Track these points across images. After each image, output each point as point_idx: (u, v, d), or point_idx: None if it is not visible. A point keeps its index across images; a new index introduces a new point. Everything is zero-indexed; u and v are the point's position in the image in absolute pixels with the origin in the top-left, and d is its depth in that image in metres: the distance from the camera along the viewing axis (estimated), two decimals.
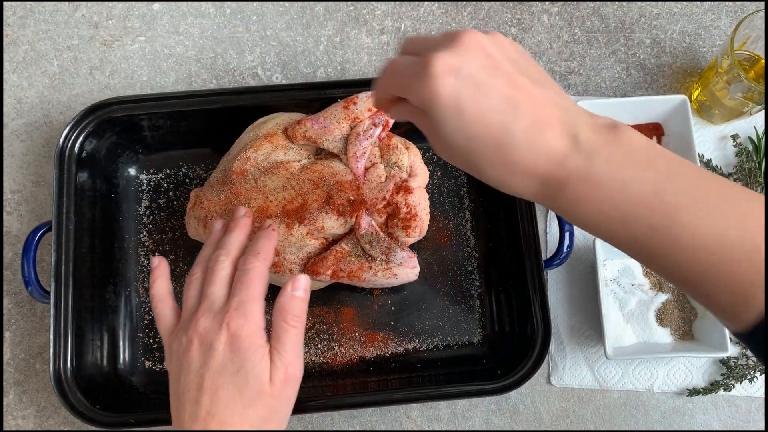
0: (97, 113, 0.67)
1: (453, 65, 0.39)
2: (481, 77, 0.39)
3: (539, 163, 0.40)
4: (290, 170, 0.64)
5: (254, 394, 0.48)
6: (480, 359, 0.69)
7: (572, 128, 0.40)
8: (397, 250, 0.65)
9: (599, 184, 0.39)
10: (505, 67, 0.40)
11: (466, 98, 0.39)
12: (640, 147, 0.40)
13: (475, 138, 0.40)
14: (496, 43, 0.41)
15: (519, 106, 0.39)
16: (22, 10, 0.80)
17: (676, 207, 0.38)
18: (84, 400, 0.62)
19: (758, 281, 0.37)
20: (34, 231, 0.66)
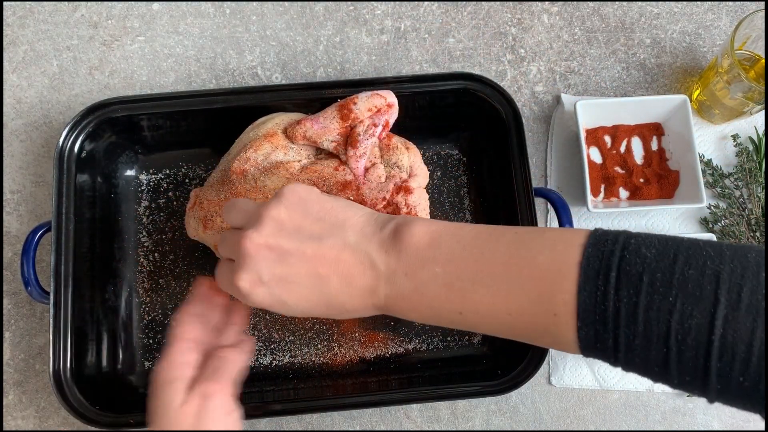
0: (97, 113, 0.67)
1: (253, 279, 0.45)
2: (279, 272, 0.45)
3: (365, 302, 0.46)
4: (290, 170, 0.64)
5: None
6: (480, 359, 0.69)
7: (367, 259, 0.45)
8: None
9: (406, 296, 0.44)
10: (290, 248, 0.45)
11: (281, 294, 0.45)
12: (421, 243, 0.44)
13: (307, 311, 0.46)
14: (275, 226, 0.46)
15: (321, 274, 0.45)
16: (22, 10, 0.80)
17: (466, 290, 0.43)
18: (83, 401, 0.62)
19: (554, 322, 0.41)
20: (34, 231, 0.66)
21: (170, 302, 0.70)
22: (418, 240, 0.44)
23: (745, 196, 0.74)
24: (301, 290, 0.45)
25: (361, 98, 0.65)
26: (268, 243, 0.45)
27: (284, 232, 0.46)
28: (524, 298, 0.41)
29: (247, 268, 0.45)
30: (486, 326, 0.44)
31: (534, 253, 0.42)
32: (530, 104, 0.78)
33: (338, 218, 0.47)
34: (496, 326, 0.44)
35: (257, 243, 0.45)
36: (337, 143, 0.65)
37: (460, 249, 0.44)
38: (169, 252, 0.72)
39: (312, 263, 0.45)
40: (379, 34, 0.80)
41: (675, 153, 0.73)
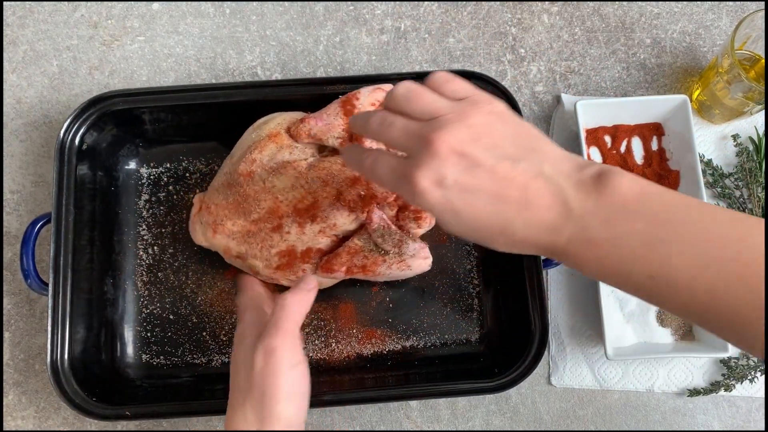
0: (98, 106, 0.67)
1: (436, 178, 0.42)
2: (465, 181, 0.42)
3: (540, 237, 0.42)
4: (298, 169, 0.64)
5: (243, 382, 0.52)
6: (477, 357, 0.69)
7: (560, 195, 0.42)
8: (409, 242, 0.65)
9: (596, 244, 0.41)
10: (483, 161, 0.42)
11: (457, 203, 0.42)
12: (629, 195, 0.41)
13: (477, 229, 0.43)
14: (472, 134, 0.43)
15: (507, 196, 0.42)
16: (22, 10, 0.80)
17: (668, 254, 0.40)
18: (81, 392, 0.62)
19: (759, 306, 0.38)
20: (33, 222, 0.66)
21: (169, 295, 0.70)
22: (626, 190, 0.41)
23: (745, 196, 0.73)
24: (480, 206, 0.42)
25: (363, 93, 0.64)
26: (462, 149, 0.42)
27: (480, 143, 0.43)
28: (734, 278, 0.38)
29: (433, 166, 0.42)
30: (674, 299, 0.41)
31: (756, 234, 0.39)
32: (530, 104, 0.78)
33: (535, 144, 0.44)
34: (686, 301, 0.40)
35: (450, 145, 0.42)
36: (342, 139, 0.64)
37: (669, 211, 0.41)
38: (169, 246, 0.72)
39: (500, 183, 0.42)
40: (379, 34, 0.80)
41: (675, 153, 0.73)
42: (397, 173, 0.45)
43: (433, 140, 0.42)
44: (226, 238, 0.64)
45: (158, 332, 0.70)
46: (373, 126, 0.47)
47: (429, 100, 0.45)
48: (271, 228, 0.63)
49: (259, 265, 0.64)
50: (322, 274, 0.64)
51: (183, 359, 0.69)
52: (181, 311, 0.70)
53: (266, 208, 0.63)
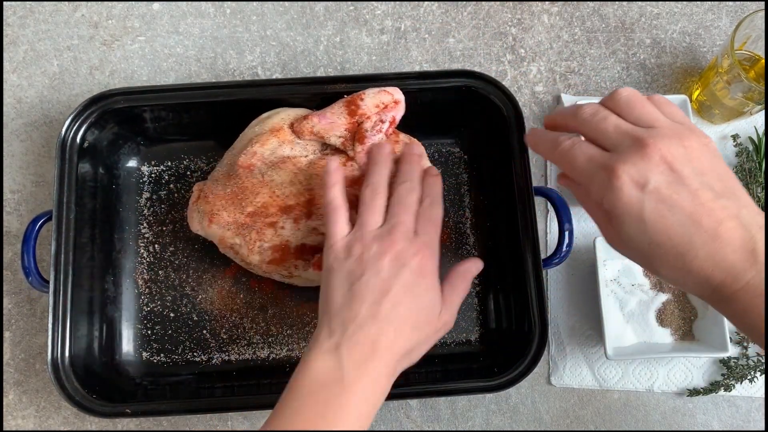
0: (100, 104, 0.67)
1: (639, 179, 0.43)
2: (666, 193, 0.42)
3: (716, 274, 0.42)
4: (297, 165, 0.64)
5: (424, 321, 0.52)
6: (477, 357, 0.69)
7: (751, 243, 0.42)
8: None
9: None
10: (690, 182, 0.43)
11: (650, 211, 0.42)
12: None
13: (656, 244, 0.43)
14: (686, 154, 0.43)
15: (701, 222, 0.42)
16: (22, 10, 0.80)
17: None
18: (81, 389, 0.62)
19: None
20: (35, 220, 0.66)
21: (169, 293, 0.71)
22: None
23: None
24: (670, 222, 0.42)
25: (368, 94, 0.65)
26: (673, 162, 0.43)
27: (690, 165, 0.43)
28: None
29: (640, 166, 0.43)
30: None
31: None
32: (530, 104, 0.78)
33: (736, 189, 0.44)
34: None
35: (663, 154, 0.43)
36: (344, 139, 0.65)
37: None
38: (170, 244, 0.72)
39: (697, 207, 0.42)
40: (379, 34, 0.80)
41: None
42: (596, 162, 0.45)
43: (649, 144, 0.43)
44: (222, 229, 0.65)
45: (159, 330, 0.70)
46: (586, 114, 0.48)
47: (650, 110, 0.46)
48: (265, 222, 0.63)
49: (253, 258, 0.64)
50: (315, 272, 0.64)
51: (183, 357, 0.69)
52: (181, 309, 0.70)
53: (262, 202, 0.63)
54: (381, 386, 0.49)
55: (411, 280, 0.51)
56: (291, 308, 0.70)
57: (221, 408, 0.65)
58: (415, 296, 0.51)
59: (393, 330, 0.49)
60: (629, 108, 0.47)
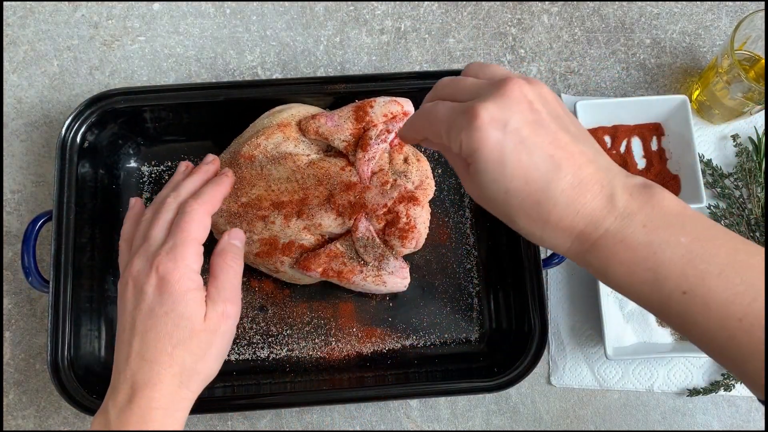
0: (100, 104, 0.68)
1: (500, 118, 0.40)
2: (526, 133, 0.40)
3: (575, 222, 0.41)
4: (297, 163, 0.65)
5: (185, 335, 0.49)
6: (477, 357, 0.69)
7: (609, 189, 0.41)
8: (391, 258, 0.65)
9: (633, 246, 0.40)
10: (549, 123, 0.41)
11: (509, 152, 0.40)
12: (673, 210, 0.41)
13: (514, 192, 0.41)
14: (541, 96, 0.42)
15: (561, 165, 0.40)
16: (22, 10, 0.80)
17: (707, 273, 0.39)
18: (81, 389, 0.62)
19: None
20: (35, 220, 0.66)
21: None
22: (669, 204, 0.41)
23: (745, 196, 0.74)
24: (528, 164, 0.40)
25: (378, 102, 0.65)
26: (533, 102, 0.41)
27: (548, 107, 0.42)
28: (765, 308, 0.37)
29: (502, 106, 0.40)
30: (702, 321, 0.39)
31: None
32: None
33: (588, 135, 0.43)
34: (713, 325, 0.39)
35: (525, 93, 0.41)
36: (348, 143, 0.65)
37: (709, 234, 0.40)
38: None
39: (558, 150, 0.40)
40: (379, 34, 0.80)
41: (675, 153, 0.73)
42: (457, 110, 0.42)
43: (507, 82, 0.41)
44: (215, 215, 0.65)
45: None
46: (443, 82, 0.47)
47: (502, 69, 0.46)
48: (257, 214, 0.63)
49: None
50: (299, 271, 0.64)
51: None
52: None
53: (257, 194, 0.64)
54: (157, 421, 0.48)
55: (152, 301, 0.49)
56: (291, 308, 0.70)
57: (221, 408, 0.65)
58: (161, 317, 0.49)
59: (147, 363, 0.48)
60: (482, 69, 0.46)
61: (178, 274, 0.50)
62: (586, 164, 0.41)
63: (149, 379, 0.48)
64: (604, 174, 0.41)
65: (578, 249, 0.42)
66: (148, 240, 0.52)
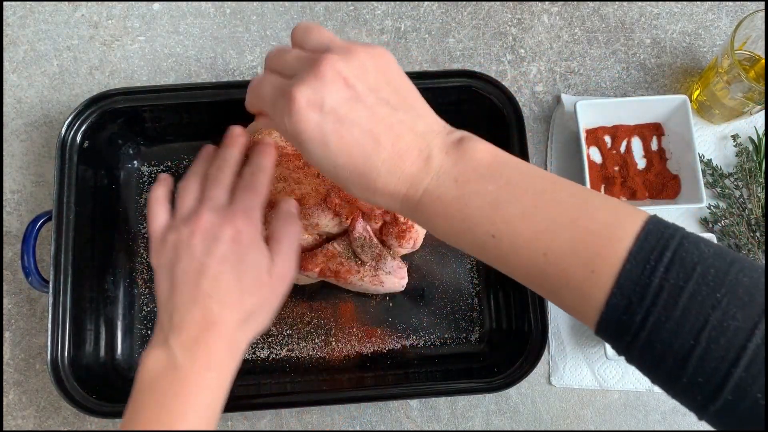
0: (99, 104, 0.68)
1: (315, 100, 0.42)
2: (343, 111, 0.42)
3: (398, 187, 0.43)
4: (293, 163, 0.64)
5: (252, 284, 0.50)
6: (477, 357, 0.69)
7: (426, 152, 0.43)
8: (388, 259, 0.65)
9: (447, 201, 0.42)
10: (366, 98, 0.43)
11: (329, 132, 0.42)
12: (483, 162, 0.43)
13: (340, 166, 0.43)
14: (358, 68, 0.43)
15: (379, 139, 0.42)
16: (22, 10, 0.80)
17: (512, 215, 0.41)
18: (80, 390, 0.62)
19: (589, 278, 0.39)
20: (35, 220, 0.66)
21: None
22: (481, 156, 0.43)
23: (745, 196, 0.74)
24: (350, 140, 0.42)
25: None
26: (348, 78, 0.42)
27: (364, 80, 0.43)
28: (568, 244, 0.40)
29: (316, 86, 0.42)
30: (513, 260, 0.42)
31: (593, 209, 0.41)
32: (530, 104, 0.78)
33: (413, 101, 0.45)
34: (524, 262, 0.42)
35: (338, 70, 0.42)
36: None
37: (519, 178, 0.42)
38: None
39: (376, 124, 0.42)
40: (379, 34, 0.80)
41: (675, 153, 0.73)
42: (278, 90, 0.44)
43: (321, 61, 0.42)
44: None
45: None
46: (271, 53, 0.48)
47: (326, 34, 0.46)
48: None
49: None
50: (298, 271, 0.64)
51: None
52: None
53: None
54: (221, 361, 0.48)
55: (226, 249, 0.49)
56: (291, 308, 0.70)
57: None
58: (234, 264, 0.49)
59: (217, 303, 0.48)
60: (306, 36, 0.46)
61: (252, 230, 0.51)
62: (405, 133, 0.43)
63: (218, 321, 0.48)
64: (422, 138, 0.43)
65: (407, 210, 0.44)
66: (212, 199, 0.52)
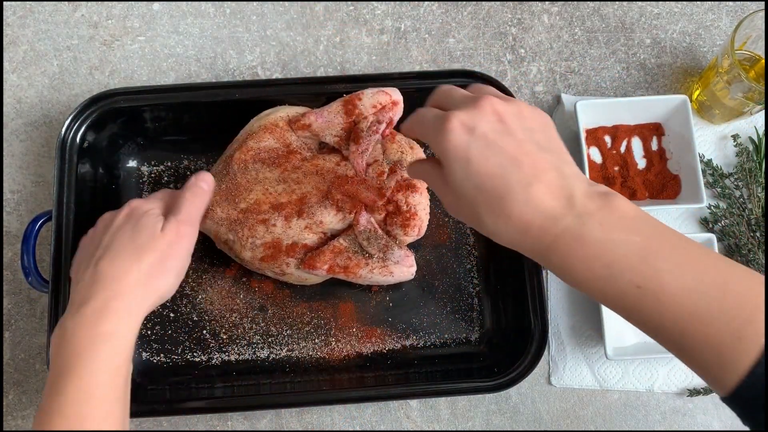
0: (99, 104, 0.68)
1: (468, 124, 0.46)
2: (492, 138, 0.45)
3: (535, 218, 0.44)
4: (292, 162, 0.64)
5: (145, 241, 0.55)
6: (477, 357, 0.69)
7: (568, 191, 0.44)
8: (395, 248, 0.65)
9: (590, 243, 0.43)
10: (517, 134, 0.46)
11: (475, 152, 0.45)
12: (629, 214, 0.44)
13: (479, 187, 0.45)
14: (515, 112, 0.47)
15: (521, 165, 0.44)
16: (22, 10, 0.80)
17: (660, 269, 0.42)
18: None
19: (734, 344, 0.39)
20: (35, 220, 0.66)
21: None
22: (626, 208, 0.44)
23: (745, 196, 0.73)
24: (493, 163, 0.45)
25: (366, 94, 0.65)
26: (503, 115, 0.46)
27: (519, 119, 0.47)
28: (717, 307, 0.40)
29: (470, 114, 0.46)
30: (653, 314, 0.42)
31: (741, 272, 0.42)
32: (530, 104, 0.78)
33: (560, 151, 0.47)
34: (666, 317, 0.42)
35: (496, 108, 0.46)
36: (339, 138, 0.65)
37: (665, 235, 0.43)
38: None
39: (521, 154, 0.45)
40: (379, 34, 0.80)
41: (675, 153, 0.73)
42: (438, 116, 0.48)
43: (482, 99, 0.47)
44: (215, 224, 0.65)
45: (158, 330, 0.70)
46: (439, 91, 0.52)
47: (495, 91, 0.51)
48: (257, 219, 0.63)
49: (246, 254, 0.64)
50: (305, 270, 0.64)
51: (183, 357, 0.69)
52: (181, 309, 0.70)
53: (255, 199, 0.64)
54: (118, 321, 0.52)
55: (120, 222, 0.57)
56: (291, 308, 0.70)
57: (221, 408, 0.65)
58: (128, 232, 0.55)
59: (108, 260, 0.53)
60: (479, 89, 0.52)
61: (147, 206, 0.58)
62: (548, 169, 0.45)
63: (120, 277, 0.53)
64: (565, 179, 0.45)
65: (539, 246, 0.45)
66: None
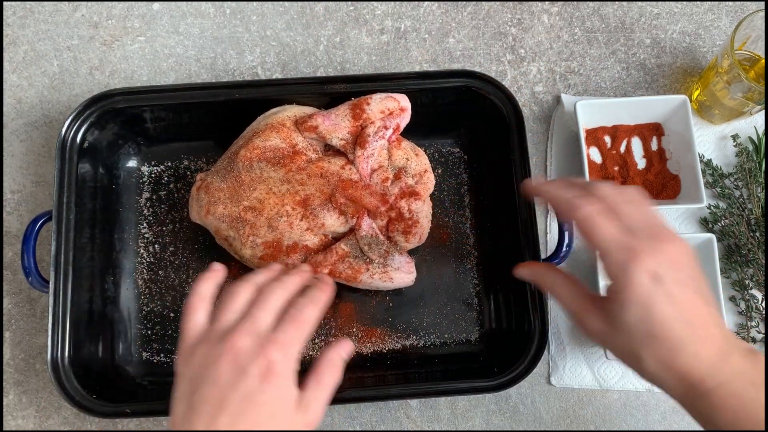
0: (100, 104, 0.68)
1: (656, 273, 0.47)
2: (674, 290, 0.47)
3: (694, 370, 0.47)
4: (296, 163, 0.64)
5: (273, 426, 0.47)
6: (477, 357, 0.69)
7: (727, 348, 0.47)
8: (396, 254, 0.65)
9: (744, 400, 0.46)
10: (690, 285, 0.48)
11: (657, 302, 0.47)
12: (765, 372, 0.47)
13: (652, 334, 0.47)
14: (687, 259, 0.49)
15: (695, 324, 0.47)
16: (22, 10, 0.80)
17: None
18: (80, 389, 0.62)
19: None
20: (35, 220, 0.66)
21: (169, 293, 0.71)
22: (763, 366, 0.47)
23: (745, 196, 0.73)
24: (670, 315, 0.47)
25: (374, 99, 0.65)
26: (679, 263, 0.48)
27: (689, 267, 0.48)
28: None
29: (658, 258, 0.47)
30: None
31: None
32: (530, 104, 0.78)
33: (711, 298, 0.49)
34: None
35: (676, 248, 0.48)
36: (345, 141, 0.65)
37: None
38: (170, 244, 0.72)
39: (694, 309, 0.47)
40: (379, 34, 0.80)
41: (675, 153, 0.73)
42: (621, 244, 0.48)
43: (665, 236, 0.48)
44: (217, 220, 0.65)
45: (159, 330, 0.70)
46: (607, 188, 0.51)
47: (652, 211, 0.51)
48: (259, 218, 0.63)
49: (245, 252, 0.64)
50: None
51: None
52: (181, 309, 0.70)
53: (258, 197, 0.64)
54: None
55: (253, 386, 0.46)
56: None
57: None
58: (257, 406, 0.46)
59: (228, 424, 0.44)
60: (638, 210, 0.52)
61: (286, 368, 0.48)
62: (713, 325, 0.48)
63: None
64: (725, 335, 0.48)
65: (690, 393, 0.47)
66: (255, 321, 0.49)
